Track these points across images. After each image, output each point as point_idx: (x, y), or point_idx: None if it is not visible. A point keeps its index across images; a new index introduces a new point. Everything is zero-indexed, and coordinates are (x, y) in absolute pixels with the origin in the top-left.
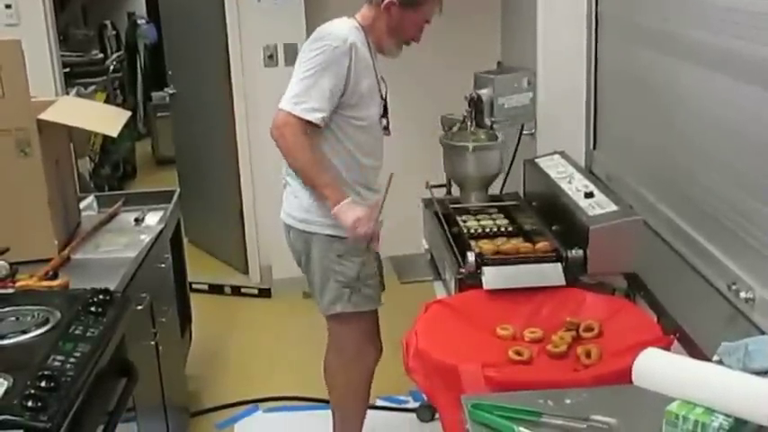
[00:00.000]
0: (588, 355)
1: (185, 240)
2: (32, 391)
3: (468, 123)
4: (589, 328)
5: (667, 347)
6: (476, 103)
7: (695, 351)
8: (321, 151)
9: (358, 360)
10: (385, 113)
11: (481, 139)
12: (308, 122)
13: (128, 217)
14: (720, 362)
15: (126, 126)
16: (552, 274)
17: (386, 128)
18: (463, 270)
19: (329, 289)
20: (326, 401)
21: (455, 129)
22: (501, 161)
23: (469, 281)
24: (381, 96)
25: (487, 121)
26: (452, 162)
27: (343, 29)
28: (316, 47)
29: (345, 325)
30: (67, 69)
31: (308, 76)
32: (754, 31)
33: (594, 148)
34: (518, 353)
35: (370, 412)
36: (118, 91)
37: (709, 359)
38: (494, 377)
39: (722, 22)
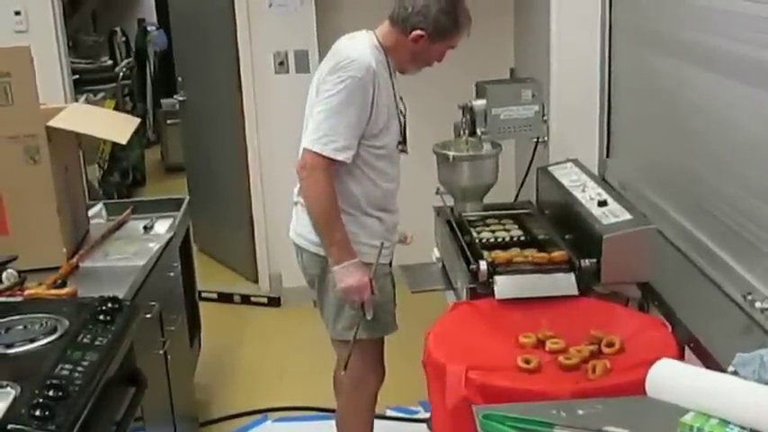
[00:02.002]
0: (594, 370)
1: (195, 248)
2: (40, 401)
3: (462, 132)
4: (610, 344)
5: None
6: (469, 113)
7: (710, 362)
8: (343, 181)
9: (361, 386)
10: (404, 140)
11: (476, 149)
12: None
13: (137, 225)
14: (735, 373)
15: (135, 133)
16: (565, 283)
17: (402, 150)
18: (476, 275)
19: (344, 315)
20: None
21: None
22: (496, 171)
23: (481, 290)
24: (400, 121)
25: (478, 132)
26: (444, 172)
27: (364, 52)
28: (338, 78)
29: (353, 349)
30: (77, 76)
31: (335, 112)
32: None
33: (608, 155)
34: (527, 361)
35: (380, 422)
36: (127, 98)
37: (724, 370)
38: (475, 380)
39: (738, 28)
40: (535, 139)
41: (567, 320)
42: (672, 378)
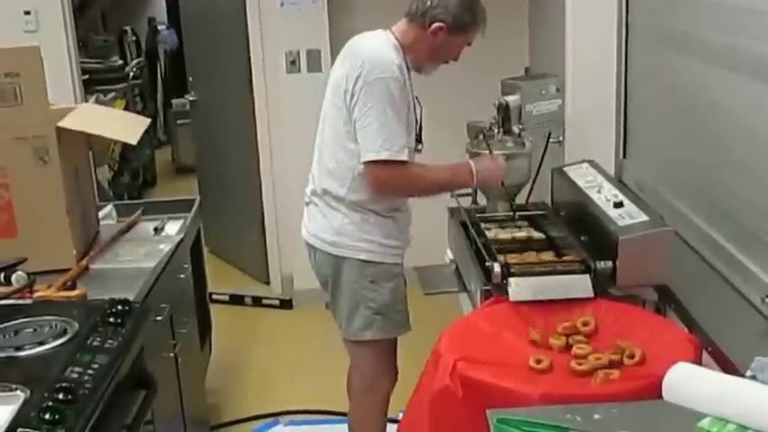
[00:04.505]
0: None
1: (205, 250)
2: (50, 404)
3: (496, 131)
4: (631, 356)
5: None
6: (504, 110)
7: (728, 366)
8: (359, 180)
9: (373, 388)
10: (419, 138)
11: (509, 147)
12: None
13: (147, 226)
14: (754, 377)
15: (146, 133)
16: (580, 285)
17: (417, 150)
18: (490, 278)
19: (359, 315)
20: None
21: (480, 137)
22: (529, 170)
23: (495, 292)
24: (417, 120)
25: (515, 129)
26: None
27: (389, 53)
28: (377, 80)
29: (366, 350)
30: (87, 76)
31: (389, 116)
32: None
33: (624, 156)
34: (538, 361)
35: (393, 426)
36: (138, 98)
37: (742, 374)
38: (459, 370)
39: (756, 27)
40: (545, 137)
41: (608, 326)
42: (689, 382)
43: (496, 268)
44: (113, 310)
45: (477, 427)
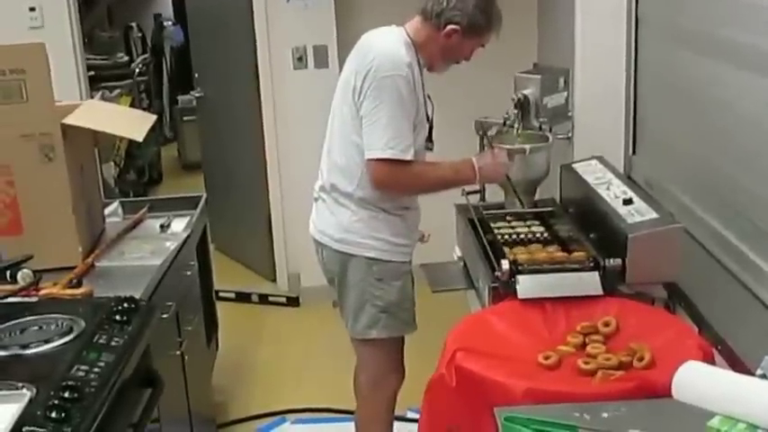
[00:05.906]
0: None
1: (212, 247)
2: (56, 402)
3: (516, 125)
4: (641, 359)
5: None
6: (522, 104)
7: (738, 364)
8: (368, 178)
9: (380, 386)
10: (430, 137)
11: (528, 141)
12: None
13: (153, 223)
14: (764, 376)
15: (152, 130)
16: (590, 283)
17: (428, 148)
18: (498, 276)
19: (365, 313)
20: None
21: (493, 131)
22: (548, 164)
23: (504, 289)
24: (428, 117)
25: (535, 122)
26: None
27: (400, 51)
28: (385, 77)
29: (373, 348)
30: (92, 73)
31: (396, 114)
32: None
33: (634, 153)
34: (546, 357)
35: (400, 424)
36: (143, 94)
37: (752, 373)
38: (456, 360)
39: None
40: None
41: (629, 327)
42: (698, 381)
43: (505, 265)
44: (119, 307)
45: (468, 417)
